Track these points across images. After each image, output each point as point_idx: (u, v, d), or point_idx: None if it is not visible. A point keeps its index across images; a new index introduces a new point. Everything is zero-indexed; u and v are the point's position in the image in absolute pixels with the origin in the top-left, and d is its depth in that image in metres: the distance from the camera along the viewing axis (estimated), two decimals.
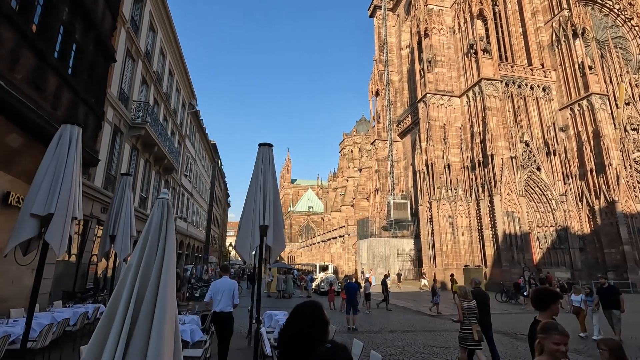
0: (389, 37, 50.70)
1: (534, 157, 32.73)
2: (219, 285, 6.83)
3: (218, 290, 6.81)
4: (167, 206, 1.99)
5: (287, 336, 1.87)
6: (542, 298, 3.23)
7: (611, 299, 9.78)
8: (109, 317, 1.56)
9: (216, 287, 6.78)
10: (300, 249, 78.34)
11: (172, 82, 22.20)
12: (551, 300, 3.20)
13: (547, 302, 3.19)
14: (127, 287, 1.61)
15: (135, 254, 1.73)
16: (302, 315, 1.85)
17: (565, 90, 35.52)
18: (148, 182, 18.28)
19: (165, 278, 1.63)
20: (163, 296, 1.57)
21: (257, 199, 5.71)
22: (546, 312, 3.17)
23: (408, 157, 43.52)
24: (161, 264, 1.68)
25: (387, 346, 8.94)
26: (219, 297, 6.79)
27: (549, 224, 32.57)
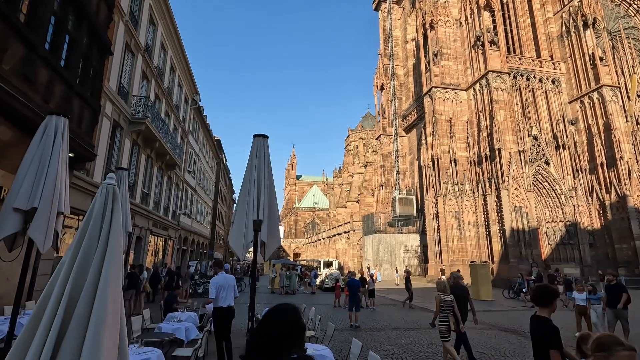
0: (394, 30, 49.98)
1: (543, 151, 32.06)
2: (222, 281, 6.69)
3: (222, 286, 6.69)
4: (113, 193, 1.73)
5: (257, 342, 1.61)
6: (543, 295, 3.26)
7: (615, 297, 8.95)
8: (34, 320, 1.31)
9: (219, 284, 6.65)
10: (305, 245, 78.32)
11: (173, 77, 22.02)
12: (552, 297, 3.22)
13: (547, 299, 3.22)
14: (57, 288, 1.36)
15: (69, 249, 1.47)
16: (276, 321, 1.59)
17: (575, 83, 34.69)
18: (150, 178, 18.16)
19: (107, 277, 1.37)
20: (102, 298, 1.32)
21: (251, 193, 5.46)
22: (547, 308, 3.20)
23: (414, 152, 43.00)
24: (101, 260, 1.42)
25: (390, 344, 8.69)
26: (223, 293, 6.67)
27: (557, 219, 31.97)
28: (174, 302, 9.40)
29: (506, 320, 12.83)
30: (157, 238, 20.69)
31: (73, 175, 10.05)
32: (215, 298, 6.57)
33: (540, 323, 3.14)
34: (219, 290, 6.60)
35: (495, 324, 12.03)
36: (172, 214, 22.99)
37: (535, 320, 3.22)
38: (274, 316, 1.60)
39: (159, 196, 19.86)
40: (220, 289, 6.62)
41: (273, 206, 5.61)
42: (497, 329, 11.23)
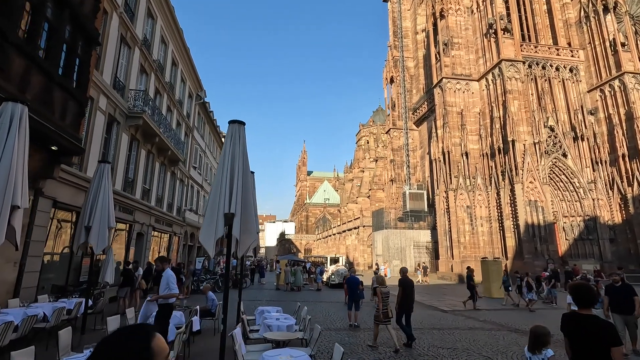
0: (404, 21, 48.75)
1: (560, 142, 30.68)
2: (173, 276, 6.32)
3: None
4: None
5: None
6: (582, 295, 3.20)
7: (624, 301, 7.39)
8: None
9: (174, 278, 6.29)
10: (316, 241, 78.04)
11: (176, 72, 21.78)
12: (592, 298, 3.18)
13: (589, 301, 3.16)
14: None
15: None
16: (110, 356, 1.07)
17: (595, 71, 33.03)
18: (152, 173, 17.98)
19: None
20: None
21: (222, 184, 5.00)
22: (590, 307, 3.16)
23: (424, 146, 41.95)
24: None
25: (388, 346, 8.15)
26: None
27: (576, 214, 30.62)
28: None
29: (518, 320, 12.11)
30: (161, 234, 20.58)
31: (60, 169, 9.82)
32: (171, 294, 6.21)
33: (586, 321, 3.04)
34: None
35: (505, 324, 11.35)
36: (177, 210, 22.87)
37: (579, 320, 3.10)
38: (108, 350, 1.09)
39: (162, 192, 19.71)
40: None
41: (248, 198, 5.14)
42: (506, 330, 10.55)
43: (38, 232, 9.18)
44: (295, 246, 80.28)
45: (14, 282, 8.45)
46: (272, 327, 6.71)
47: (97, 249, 7.33)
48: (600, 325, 2.97)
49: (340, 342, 8.46)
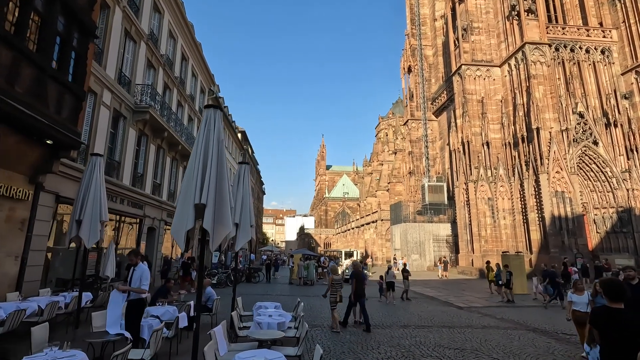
0: (422, 8, 47.15)
1: (590, 129, 28.75)
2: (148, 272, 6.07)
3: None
4: None
5: None
6: (613, 289, 3.30)
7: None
8: None
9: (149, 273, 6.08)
10: (335, 235, 77.77)
11: (186, 66, 21.79)
12: (622, 291, 3.28)
13: (618, 294, 3.25)
14: None
15: None
16: None
17: (630, 51, 30.65)
18: (162, 168, 18.10)
19: None
20: None
21: (194, 172, 4.67)
22: (621, 301, 3.23)
23: (444, 137, 40.55)
24: None
25: (390, 345, 7.68)
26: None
27: (608, 205, 28.72)
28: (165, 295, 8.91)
29: (538, 319, 11.31)
30: None
31: (63, 164, 9.85)
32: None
33: (616, 315, 3.16)
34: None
35: (524, 323, 10.59)
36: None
37: (609, 312, 3.22)
38: None
39: (174, 187, 19.84)
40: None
41: (223, 189, 4.77)
42: (524, 329, 9.82)
43: (40, 226, 9.25)
44: (314, 240, 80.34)
45: (15, 275, 8.54)
46: (262, 325, 6.38)
47: (88, 243, 7.22)
48: (630, 319, 3.12)
49: (338, 340, 8.10)
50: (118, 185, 13.27)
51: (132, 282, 5.89)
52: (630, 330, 3.01)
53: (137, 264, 6.03)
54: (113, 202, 13.03)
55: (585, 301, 7.01)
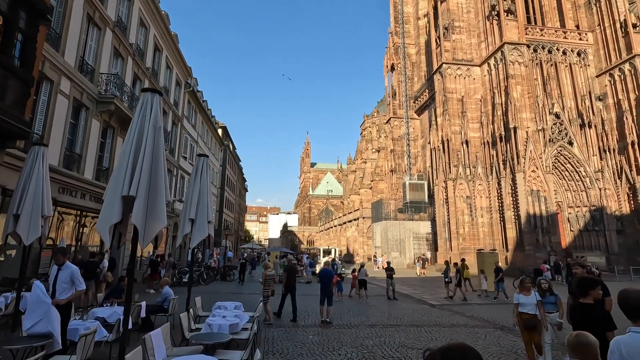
0: (406, 6, 47.18)
1: (566, 130, 29.36)
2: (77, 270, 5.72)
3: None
4: None
5: None
6: (580, 286, 3.75)
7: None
8: None
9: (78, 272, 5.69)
10: (319, 233, 77.59)
11: (159, 57, 21.01)
12: (590, 286, 3.66)
13: (585, 289, 3.66)
14: None
15: None
16: None
17: (604, 54, 31.45)
18: None
19: None
20: None
21: (124, 162, 4.25)
22: (589, 296, 3.61)
23: (426, 135, 40.75)
24: None
25: (352, 346, 7.41)
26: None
27: (581, 204, 29.43)
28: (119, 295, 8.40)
29: (507, 316, 11.26)
30: None
31: (11, 155, 9.18)
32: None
33: (586, 310, 3.51)
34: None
35: (492, 321, 10.53)
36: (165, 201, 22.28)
37: (582, 309, 3.56)
38: None
39: None
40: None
41: (158, 180, 4.36)
42: (492, 327, 9.75)
43: None
44: (297, 238, 79.96)
45: None
46: (212, 327, 6.01)
47: (27, 239, 6.67)
48: (597, 313, 3.47)
49: (302, 341, 7.79)
50: (78, 179, 12.57)
51: (58, 284, 5.40)
52: (595, 323, 3.30)
53: (63, 264, 5.54)
54: (72, 197, 12.36)
55: (533, 302, 6.21)
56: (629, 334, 2.41)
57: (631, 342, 2.35)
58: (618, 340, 2.42)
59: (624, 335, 2.43)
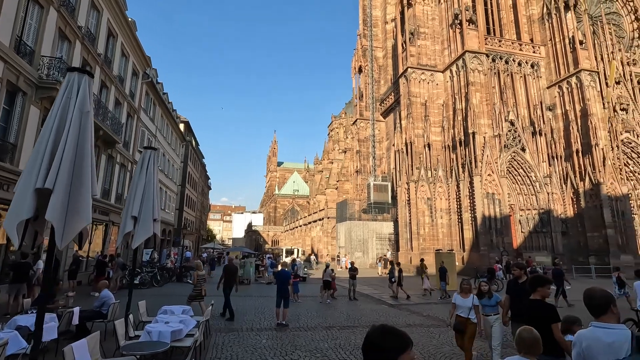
0: (374, 10, 47.85)
1: (519, 137, 31.02)
2: None
3: None
4: None
5: None
6: (531, 283, 4.07)
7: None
8: None
9: None
10: (284, 233, 76.91)
11: (114, 44, 19.65)
12: (539, 284, 3.97)
13: (535, 286, 3.99)
14: None
15: None
16: None
17: (555, 67, 33.62)
18: None
19: None
20: None
21: (41, 150, 3.71)
22: (537, 292, 3.96)
23: (391, 138, 41.52)
24: None
25: (307, 350, 7.17)
26: None
27: (531, 207, 31.22)
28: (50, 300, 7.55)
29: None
30: (95, 224, 18.69)
31: None
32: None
33: (535, 305, 3.86)
34: None
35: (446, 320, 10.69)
36: (116, 198, 20.93)
37: (531, 304, 3.92)
38: None
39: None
40: None
41: (83, 172, 3.85)
42: (446, 326, 9.88)
43: None
44: (262, 237, 78.80)
45: None
46: (152, 334, 5.51)
47: None
48: (543, 307, 3.78)
49: (254, 345, 7.42)
50: (12, 172, 11.35)
51: None
52: (542, 316, 3.61)
53: None
54: (4, 192, 11.14)
55: (468, 305, 5.92)
56: (591, 328, 2.67)
57: (590, 336, 2.62)
58: (580, 334, 2.73)
59: (586, 329, 2.72)
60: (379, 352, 1.52)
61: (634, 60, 37.13)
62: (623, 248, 28.44)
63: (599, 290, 2.82)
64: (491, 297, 6.14)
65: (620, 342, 2.46)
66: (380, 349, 1.52)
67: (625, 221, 29.38)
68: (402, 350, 1.52)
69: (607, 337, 2.50)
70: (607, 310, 2.66)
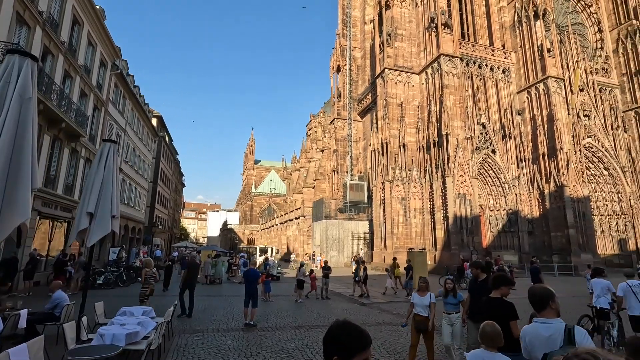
0: (353, 10, 48.08)
1: (490, 139, 32.02)
2: None
3: None
4: None
5: None
6: (494, 281, 4.22)
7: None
8: None
9: None
10: (260, 231, 76.12)
11: (79, 32, 18.67)
12: (502, 283, 4.14)
13: (495, 284, 4.18)
14: None
15: None
16: None
17: (524, 73, 34.89)
18: (38, 148, 15.14)
19: None
20: None
21: None
22: (498, 290, 4.12)
23: (367, 137, 41.87)
24: None
25: (273, 350, 7.03)
26: None
27: (500, 208, 32.30)
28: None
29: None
30: (54, 221, 17.74)
31: None
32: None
33: (494, 302, 3.99)
34: None
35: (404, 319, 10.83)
36: (80, 194, 19.92)
37: (490, 302, 4.03)
38: None
39: (54, 171, 16.86)
40: None
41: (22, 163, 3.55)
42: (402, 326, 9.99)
43: None
44: (238, 236, 77.62)
45: None
46: (105, 337, 5.20)
47: None
48: (502, 305, 3.91)
49: (218, 347, 7.21)
50: None
51: None
52: (500, 313, 3.72)
53: None
54: None
55: (426, 303, 5.85)
56: (533, 324, 2.88)
57: (532, 331, 2.82)
58: (524, 329, 2.96)
59: (529, 325, 2.94)
60: (338, 346, 1.55)
61: (596, 69, 39.24)
62: (583, 247, 29.94)
63: (539, 287, 3.07)
64: (456, 296, 6.15)
65: (555, 336, 2.63)
66: (340, 343, 1.56)
67: (586, 222, 30.94)
68: (360, 349, 1.55)
69: (546, 330, 2.67)
70: (546, 306, 2.85)
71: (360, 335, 1.60)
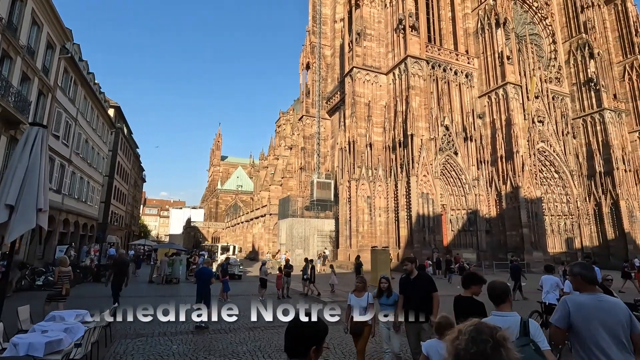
0: (324, 7, 47.92)
1: (453, 141, 33.05)
2: None
3: None
4: None
5: None
6: (465, 280, 4.23)
7: (421, 302, 5.04)
8: None
9: None
10: (225, 229, 74.35)
11: (21, 9, 16.99)
12: (470, 282, 4.14)
13: (465, 284, 4.19)
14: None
15: None
16: None
17: (485, 78, 36.31)
18: None
19: None
20: None
21: None
22: (468, 290, 4.10)
23: (335, 136, 41.86)
24: None
25: (222, 354, 6.60)
26: None
27: (461, 207, 33.45)
28: None
29: None
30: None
31: None
32: None
33: (464, 302, 4.05)
34: None
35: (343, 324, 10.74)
36: None
37: (460, 300, 4.12)
38: None
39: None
40: None
41: None
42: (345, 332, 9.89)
43: None
44: (202, 234, 75.36)
45: None
46: (19, 347, 4.56)
47: None
48: (472, 304, 3.92)
49: (162, 352, 6.65)
50: None
51: None
52: (472, 312, 3.62)
53: None
54: None
55: (363, 305, 5.41)
56: (491, 317, 2.95)
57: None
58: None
59: (489, 317, 3.00)
60: (298, 340, 1.73)
61: (550, 78, 41.69)
62: (535, 245, 31.69)
63: (499, 283, 3.20)
64: (390, 296, 5.52)
65: (512, 328, 2.71)
66: (299, 337, 1.74)
67: (538, 221, 32.78)
68: (318, 340, 1.75)
69: (503, 323, 2.68)
70: (505, 300, 3.04)
71: (316, 327, 1.82)
